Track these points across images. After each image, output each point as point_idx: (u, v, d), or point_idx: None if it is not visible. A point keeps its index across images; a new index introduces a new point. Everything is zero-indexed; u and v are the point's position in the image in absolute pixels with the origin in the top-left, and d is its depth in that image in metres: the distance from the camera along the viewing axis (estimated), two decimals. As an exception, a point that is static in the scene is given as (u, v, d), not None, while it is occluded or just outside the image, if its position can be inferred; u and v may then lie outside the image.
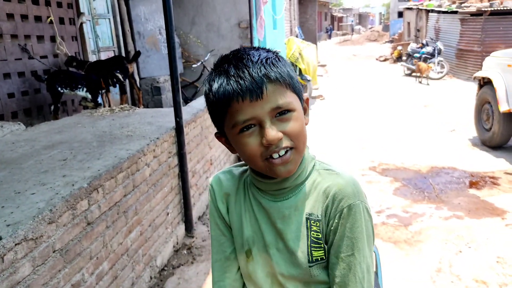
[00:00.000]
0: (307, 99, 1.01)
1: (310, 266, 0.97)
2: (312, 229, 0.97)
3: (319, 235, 0.96)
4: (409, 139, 6.52)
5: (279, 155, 0.90)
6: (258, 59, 0.88)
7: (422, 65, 12.30)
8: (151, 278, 2.87)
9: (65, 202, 1.90)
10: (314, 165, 1.02)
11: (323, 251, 0.97)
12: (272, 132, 0.87)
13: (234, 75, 0.87)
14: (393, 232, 3.60)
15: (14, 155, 2.66)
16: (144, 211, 2.76)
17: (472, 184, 4.60)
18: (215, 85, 0.89)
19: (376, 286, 1.33)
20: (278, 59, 0.92)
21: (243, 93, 0.85)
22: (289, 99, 0.89)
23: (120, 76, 4.71)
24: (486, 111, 5.77)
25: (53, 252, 1.81)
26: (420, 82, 12.44)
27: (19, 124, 3.51)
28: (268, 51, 0.93)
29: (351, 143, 6.45)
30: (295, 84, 0.93)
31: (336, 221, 0.94)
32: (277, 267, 1.01)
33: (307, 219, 0.97)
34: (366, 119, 8.10)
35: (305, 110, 0.98)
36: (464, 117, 7.49)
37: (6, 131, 3.30)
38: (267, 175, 0.96)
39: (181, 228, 3.45)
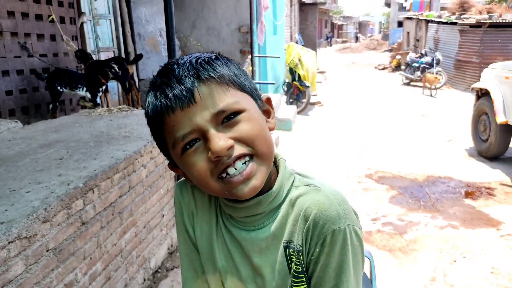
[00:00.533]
0: (268, 99, 0.84)
1: None
2: (292, 260, 0.81)
3: (299, 268, 0.80)
4: (406, 148, 6.54)
5: (235, 168, 0.73)
6: (186, 60, 0.75)
7: (429, 76, 11.78)
8: (144, 280, 2.85)
9: (60, 201, 1.89)
10: (293, 181, 0.85)
11: (305, 285, 0.81)
12: (218, 140, 0.71)
13: (159, 85, 0.74)
14: (388, 240, 3.59)
15: (10, 153, 2.65)
16: (139, 213, 2.75)
17: (468, 194, 4.61)
18: (146, 104, 0.77)
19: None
20: (216, 57, 0.78)
21: (171, 103, 0.72)
22: (233, 98, 0.74)
23: (116, 67, 4.70)
24: (483, 122, 5.80)
25: (47, 251, 1.80)
26: (431, 95, 11.73)
27: (16, 122, 3.49)
28: (206, 53, 0.79)
29: (348, 150, 6.46)
30: (243, 82, 0.77)
31: (318, 249, 0.78)
32: None
33: (285, 247, 0.81)
34: (364, 126, 8.12)
35: (268, 112, 0.83)
36: (461, 127, 7.52)
37: (3, 129, 3.29)
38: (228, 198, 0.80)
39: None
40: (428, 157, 6.01)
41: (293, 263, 0.80)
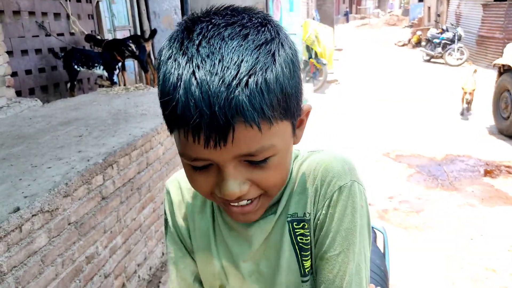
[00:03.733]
0: (308, 112, 0.70)
1: (303, 281, 0.75)
2: (297, 233, 0.74)
3: (308, 239, 0.73)
4: (424, 126, 6.44)
5: (237, 203, 0.66)
6: (236, 74, 0.53)
7: (467, 87, 6.81)
8: (163, 253, 2.93)
9: (80, 177, 1.94)
10: (295, 159, 0.78)
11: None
12: (233, 186, 0.60)
13: (187, 86, 0.54)
14: (404, 218, 3.59)
15: (31, 130, 2.71)
16: (157, 189, 2.80)
17: (487, 173, 4.54)
18: (161, 80, 0.58)
19: (383, 268, 1.34)
20: (273, 60, 0.56)
21: (194, 132, 0.55)
22: (271, 140, 0.58)
23: (133, 46, 4.72)
24: (505, 99, 5.65)
25: (68, 224, 1.86)
26: (462, 114, 6.91)
27: (36, 100, 3.56)
28: (261, 44, 0.57)
29: (366, 129, 6.40)
30: (291, 102, 0.60)
31: (324, 212, 0.71)
32: None
33: (289, 222, 0.74)
34: (382, 105, 8.01)
35: (301, 123, 0.69)
36: (482, 105, 7.35)
37: (24, 107, 3.36)
38: None
39: (193, 207, 3.49)
40: (447, 135, 5.92)
41: (299, 236, 0.74)
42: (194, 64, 0.54)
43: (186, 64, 0.55)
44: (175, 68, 0.55)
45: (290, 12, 10.10)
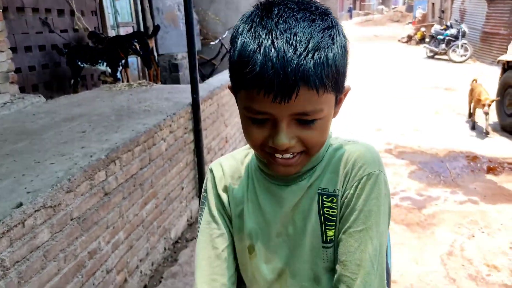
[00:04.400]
0: (347, 92, 0.84)
1: (324, 247, 0.83)
2: (325, 205, 0.83)
3: (334, 212, 0.82)
4: (427, 122, 6.42)
5: (282, 155, 0.77)
6: (306, 47, 0.67)
7: (484, 98, 5.59)
8: (165, 249, 2.94)
9: (83, 172, 1.95)
10: (329, 142, 0.88)
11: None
12: (284, 138, 0.72)
13: (266, 52, 0.66)
14: (406, 214, 3.59)
15: (35, 126, 2.73)
16: (160, 185, 2.81)
17: (490, 170, 4.53)
18: (240, 46, 0.70)
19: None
20: (332, 42, 0.70)
21: (267, 88, 0.67)
22: (322, 105, 0.72)
23: (137, 46, 4.72)
24: (509, 96, 5.63)
25: (71, 220, 1.87)
26: (473, 128, 5.94)
27: (39, 96, 3.58)
28: (325, 28, 0.71)
29: (368, 125, 6.40)
30: (340, 79, 0.75)
31: (352, 192, 0.80)
32: (285, 259, 0.87)
33: (319, 194, 0.83)
34: (385, 101, 7.99)
35: (340, 101, 0.82)
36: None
37: (27, 103, 3.38)
38: None
39: (195, 202, 3.51)
40: (450, 132, 5.91)
41: (327, 208, 0.83)
42: (273, 35, 0.67)
43: (266, 35, 0.68)
44: (255, 38, 0.68)
45: (293, 8, 10.07)
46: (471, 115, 6.16)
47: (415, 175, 4.45)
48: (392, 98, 8.25)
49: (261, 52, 0.67)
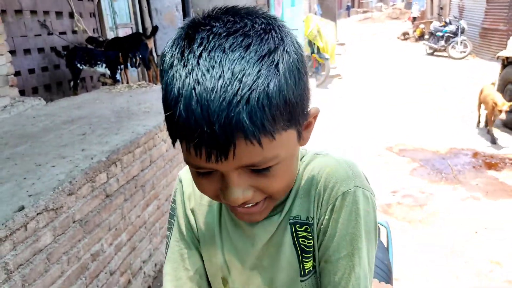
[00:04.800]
0: (316, 115, 0.68)
1: (302, 281, 0.75)
2: (299, 235, 0.74)
3: (310, 242, 0.73)
4: (428, 120, 6.42)
5: (241, 206, 0.66)
6: (237, 90, 0.52)
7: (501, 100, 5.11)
8: (167, 251, 2.94)
9: (84, 175, 1.95)
10: (302, 159, 0.78)
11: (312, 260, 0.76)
12: (236, 193, 0.61)
13: (187, 101, 0.53)
14: (407, 212, 3.59)
15: (35, 129, 2.72)
16: (161, 186, 2.81)
17: (491, 166, 4.53)
18: (164, 85, 0.57)
19: (386, 262, 1.34)
20: (276, 70, 0.54)
21: (196, 146, 0.55)
22: (274, 151, 0.58)
23: (139, 58, 4.74)
24: (509, 92, 5.62)
25: (73, 222, 1.87)
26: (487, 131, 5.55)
27: (39, 99, 3.58)
28: (264, 55, 0.55)
29: (369, 123, 6.39)
30: (296, 111, 0.59)
31: (327, 217, 0.70)
32: None
33: (292, 224, 0.74)
34: (385, 99, 7.98)
35: (308, 125, 0.68)
36: (486, 98, 7.31)
37: (27, 106, 3.38)
38: None
39: (197, 203, 3.50)
40: (451, 129, 5.90)
41: (301, 238, 0.74)
42: (194, 79, 0.53)
43: (186, 77, 0.54)
44: (176, 79, 0.55)
45: (291, 7, 10.07)
46: (480, 122, 5.75)
47: (417, 173, 4.45)
48: (392, 95, 8.24)
49: (182, 102, 0.53)
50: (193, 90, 0.53)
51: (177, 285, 0.82)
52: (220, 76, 0.52)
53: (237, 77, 0.52)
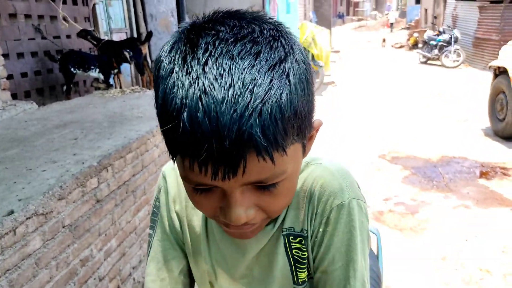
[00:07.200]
0: (319, 128, 0.66)
1: None
2: (292, 246, 0.72)
3: (304, 254, 0.72)
4: (421, 128, 6.47)
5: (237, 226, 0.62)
6: (249, 101, 0.47)
7: None
8: (158, 256, 2.93)
9: (75, 180, 1.94)
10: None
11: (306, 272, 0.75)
12: (239, 212, 0.56)
13: (193, 113, 0.48)
14: (399, 219, 3.60)
15: (27, 133, 2.71)
16: (153, 191, 2.80)
17: (482, 174, 4.56)
18: (162, 94, 0.51)
19: (376, 270, 1.35)
20: (288, 81, 0.51)
21: (201, 162, 0.50)
22: (283, 167, 0.54)
23: (128, 56, 4.71)
24: (501, 101, 5.68)
25: (63, 227, 1.86)
26: None
27: (31, 103, 3.56)
28: (275, 64, 0.50)
29: (362, 130, 6.42)
30: (304, 124, 0.56)
31: (322, 229, 0.69)
32: None
33: (285, 236, 0.72)
34: (378, 106, 8.04)
35: (311, 138, 0.65)
36: (478, 106, 7.38)
37: (19, 110, 3.36)
38: None
39: (189, 209, 3.50)
40: (443, 137, 5.95)
41: (295, 249, 0.72)
42: (200, 88, 0.48)
43: (190, 86, 0.48)
44: (178, 88, 0.49)
45: (287, 14, 10.14)
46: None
47: (408, 180, 4.47)
48: (386, 103, 8.30)
49: (186, 113, 0.48)
50: (199, 100, 0.47)
51: (161, 286, 0.80)
52: (230, 86, 0.47)
53: (248, 88, 0.48)
